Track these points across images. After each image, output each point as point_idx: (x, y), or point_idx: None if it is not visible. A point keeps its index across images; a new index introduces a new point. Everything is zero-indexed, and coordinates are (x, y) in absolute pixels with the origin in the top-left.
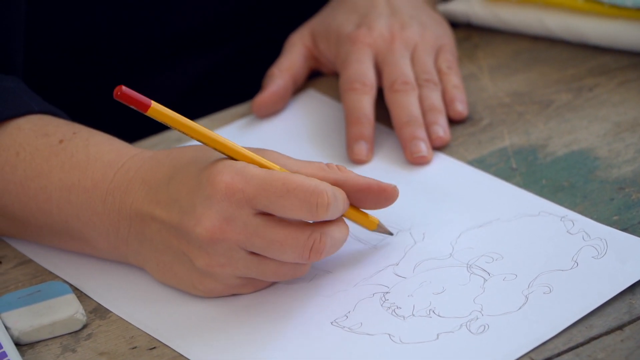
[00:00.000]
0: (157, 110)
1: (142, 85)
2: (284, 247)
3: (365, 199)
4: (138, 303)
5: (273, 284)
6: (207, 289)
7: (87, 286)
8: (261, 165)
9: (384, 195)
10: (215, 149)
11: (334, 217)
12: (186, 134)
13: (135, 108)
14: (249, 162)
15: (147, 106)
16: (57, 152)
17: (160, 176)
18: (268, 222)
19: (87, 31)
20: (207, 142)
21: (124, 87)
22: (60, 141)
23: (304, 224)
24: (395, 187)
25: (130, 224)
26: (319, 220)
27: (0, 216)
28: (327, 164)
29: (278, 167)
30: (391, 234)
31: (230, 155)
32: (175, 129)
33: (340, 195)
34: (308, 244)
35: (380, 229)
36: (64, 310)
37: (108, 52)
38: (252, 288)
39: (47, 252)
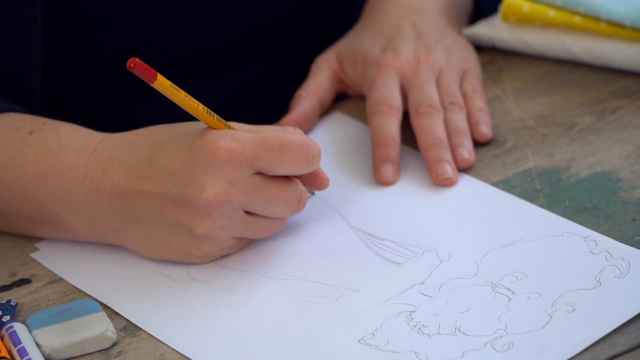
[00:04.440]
0: (161, 82)
1: (166, 106)
2: (278, 201)
3: (307, 177)
4: (168, 321)
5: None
6: (203, 254)
7: (117, 304)
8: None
9: (318, 181)
10: (206, 122)
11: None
12: (183, 107)
13: (144, 79)
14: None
15: (155, 77)
16: (29, 142)
17: (139, 154)
18: (264, 180)
19: (110, 51)
20: (199, 116)
21: (138, 60)
22: (31, 132)
23: (289, 180)
24: (328, 179)
25: (110, 203)
26: (313, 169)
27: None
28: (284, 127)
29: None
30: (313, 194)
31: (213, 127)
32: (175, 101)
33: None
34: (296, 196)
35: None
36: (95, 328)
37: (130, 72)
38: (239, 247)
39: (78, 270)
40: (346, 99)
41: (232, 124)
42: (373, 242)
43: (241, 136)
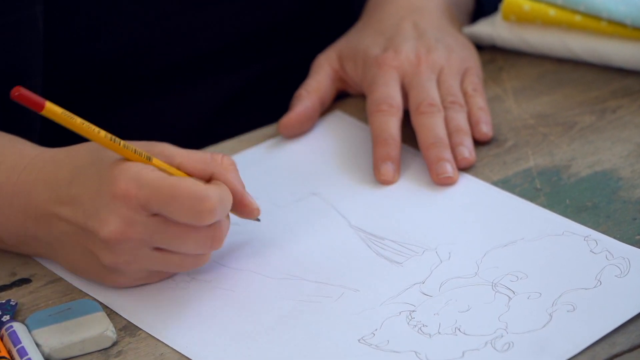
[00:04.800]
0: (51, 110)
1: (167, 105)
2: (186, 240)
3: (233, 206)
4: (167, 320)
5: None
6: (113, 283)
7: (116, 304)
8: (157, 165)
9: (245, 210)
10: (111, 150)
11: (222, 217)
12: (82, 135)
13: (31, 108)
14: (141, 162)
15: (42, 106)
16: None
17: (61, 177)
18: (167, 220)
19: (111, 50)
20: (102, 144)
21: (21, 88)
22: None
23: None
24: (258, 208)
25: (37, 223)
26: (204, 224)
27: None
28: (211, 155)
29: (166, 164)
30: (258, 220)
31: (125, 156)
32: (71, 129)
33: (227, 193)
34: (208, 234)
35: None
36: (95, 328)
37: (131, 72)
38: (157, 278)
39: None
40: (346, 97)
41: (157, 144)
42: (373, 241)
43: (141, 177)
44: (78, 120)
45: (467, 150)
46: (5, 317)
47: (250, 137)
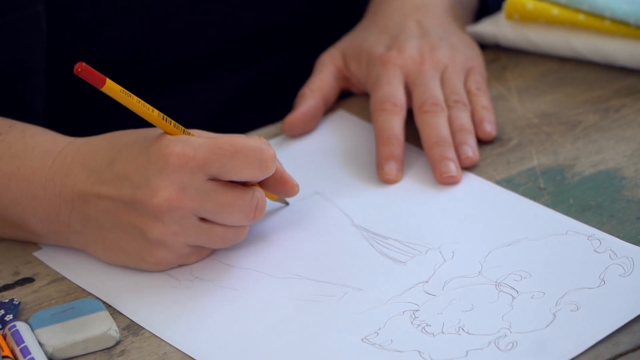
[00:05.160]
0: (111, 87)
1: (171, 103)
2: (233, 209)
3: (274, 180)
4: (171, 319)
5: (214, 251)
6: (157, 260)
7: (120, 303)
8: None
9: (286, 187)
10: (161, 127)
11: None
12: (137, 113)
13: (92, 84)
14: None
15: (103, 82)
16: None
17: (100, 159)
18: (218, 187)
19: (113, 50)
20: (155, 122)
21: (84, 64)
22: None
23: (246, 187)
24: (297, 184)
25: (72, 206)
26: (267, 176)
27: None
28: (245, 136)
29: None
30: (287, 203)
31: (170, 133)
32: (128, 107)
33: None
34: (252, 203)
35: (280, 199)
36: (98, 327)
37: (133, 71)
38: (197, 257)
39: (81, 269)
40: (350, 96)
41: (193, 131)
42: (377, 240)
43: (194, 141)
44: (135, 98)
45: (470, 149)
46: (9, 316)
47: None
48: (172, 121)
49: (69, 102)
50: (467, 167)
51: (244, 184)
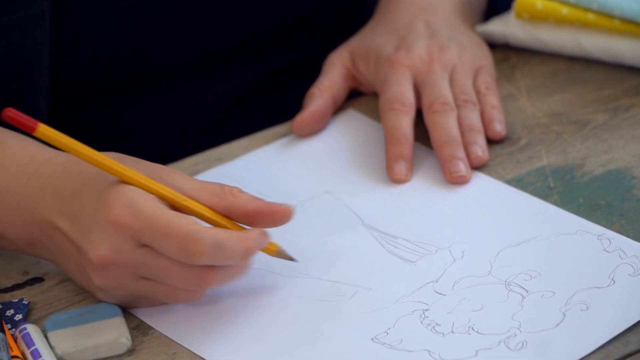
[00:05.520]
0: (44, 133)
1: (178, 102)
2: (171, 275)
3: (259, 221)
4: (180, 319)
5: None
6: (105, 299)
7: None
8: (154, 192)
9: (277, 217)
10: (110, 173)
11: (222, 263)
12: (77, 156)
13: (22, 129)
14: (142, 188)
15: (34, 128)
16: None
17: (68, 187)
18: (155, 253)
19: (118, 48)
20: (100, 167)
21: (10, 109)
22: None
23: None
24: (288, 207)
25: (40, 230)
26: (193, 264)
27: None
28: (221, 187)
29: (170, 192)
30: (293, 259)
31: (126, 181)
32: (66, 151)
33: (231, 242)
34: (196, 273)
35: (282, 254)
36: (109, 333)
37: (139, 70)
38: (146, 304)
39: None
40: (359, 96)
41: (168, 171)
42: (386, 240)
43: (137, 207)
44: (80, 145)
45: (480, 148)
46: (18, 316)
47: (263, 136)
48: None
49: (71, 102)
50: (477, 167)
51: None
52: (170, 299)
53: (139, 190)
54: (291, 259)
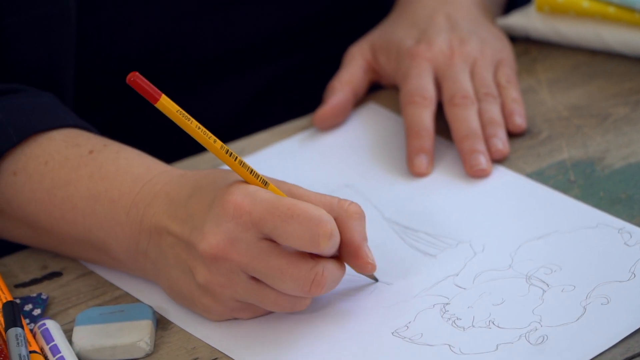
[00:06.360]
0: (166, 105)
1: (202, 99)
2: (285, 276)
3: (347, 254)
4: (199, 314)
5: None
6: (205, 308)
7: (148, 298)
8: (274, 191)
9: (360, 263)
10: (219, 157)
11: (332, 252)
12: (197, 140)
13: (145, 97)
14: (261, 187)
15: (157, 98)
16: (87, 162)
17: (183, 192)
18: (272, 248)
19: (141, 46)
20: (215, 153)
21: (137, 74)
22: (90, 152)
23: (307, 256)
24: (374, 266)
25: (149, 236)
26: (319, 252)
27: (25, 225)
28: (338, 200)
29: (282, 192)
30: (376, 279)
31: (238, 172)
32: (181, 126)
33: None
34: (310, 276)
35: (369, 275)
36: (130, 336)
37: (162, 67)
38: (250, 314)
39: None
40: (380, 89)
41: (284, 183)
42: (407, 234)
43: (257, 195)
44: (194, 123)
45: (500, 142)
46: (36, 311)
47: (283, 129)
48: (239, 158)
49: (96, 98)
50: (497, 160)
51: (303, 252)
52: (277, 306)
53: (257, 186)
54: (375, 279)
